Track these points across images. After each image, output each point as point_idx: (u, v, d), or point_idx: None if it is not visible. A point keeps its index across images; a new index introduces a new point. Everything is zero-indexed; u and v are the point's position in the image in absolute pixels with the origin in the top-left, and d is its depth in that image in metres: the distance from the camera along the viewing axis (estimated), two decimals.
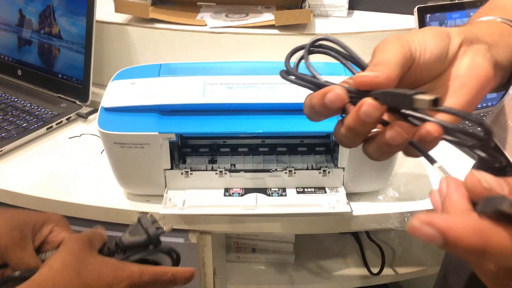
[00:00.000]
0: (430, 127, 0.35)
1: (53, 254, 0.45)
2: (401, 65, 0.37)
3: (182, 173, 0.69)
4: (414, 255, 0.98)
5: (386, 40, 0.40)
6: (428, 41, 0.39)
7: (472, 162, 0.80)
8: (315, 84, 0.40)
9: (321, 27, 0.97)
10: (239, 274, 0.96)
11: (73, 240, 0.45)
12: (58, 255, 0.44)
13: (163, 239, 0.72)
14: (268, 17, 0.97)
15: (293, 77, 0.41)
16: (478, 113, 0.91)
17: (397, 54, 0.38)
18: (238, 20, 0.97)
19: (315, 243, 1.02)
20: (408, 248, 0.99)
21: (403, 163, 0.78)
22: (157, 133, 0.64)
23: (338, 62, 0.42)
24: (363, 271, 0.95)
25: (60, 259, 0.43)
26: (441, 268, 0.67)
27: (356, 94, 0.37)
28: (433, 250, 0.98)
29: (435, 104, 0.33)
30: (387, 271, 0.94)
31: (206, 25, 0.95)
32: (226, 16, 1.00)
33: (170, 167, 0.68)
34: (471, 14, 0.91)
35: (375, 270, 0.94)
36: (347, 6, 1.02)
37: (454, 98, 0.39)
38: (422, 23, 0.88)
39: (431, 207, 0.70)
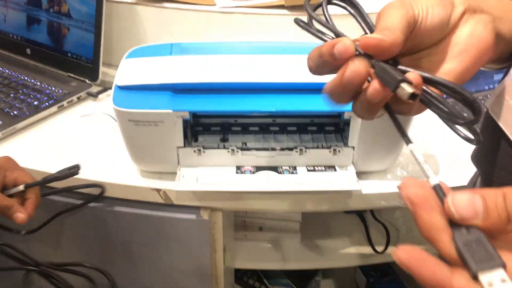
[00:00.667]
0: (411, 75, 0.36)
1: None
2: (406, 31, 0.39)
3: (194, 151, 0.70)
4: (418, 234, 1.00)
5: (391, 4, 0.40)
6: (431, 7, 0.40)
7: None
8: (335, 32, 0.40)
9: (331, 7, 0.97)
10: (246, 252, 0.97)
11: None
12: None
13: (176, 215, 0.74)
14: None
15: (312, 25, 0.43)
16: (485, 95, 0.92)
17: (402, 19, 0.39)
18: (248, 0, 0.97)
19: (321, 222, 1.03)
20: (412, 227, 1.01)
21: None
22: (171, 111, 0.65)
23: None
24: (368, 250, 0.96)
25: None
26: None
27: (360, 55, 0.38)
28: None
29: (413, 98, 0.35)
30: (391, 249, 0.96)
31: (215, 4, 0.95)
32: None
33: (183, 145, 0.69)
34: None
35: (379, 248, 0.96)
36: None
37: (452, 64, 0.40)
38: None
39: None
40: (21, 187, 0.64)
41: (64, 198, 0.75)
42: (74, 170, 0.66)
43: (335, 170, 0.71)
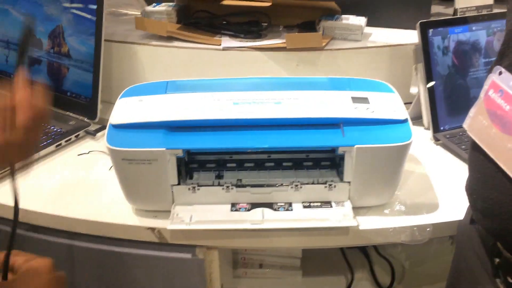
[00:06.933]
0: None
1: None
2: None
3: (189, 189, 0.69)
4: (423, 270, 0.97)
5: None
6: None
7: None
8: None
9: (331, 44, 0.98)
10: None
11: None
12: None
13: (171, 254, 0.73)
14: (280, 39, 0.98)
15: None
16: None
17: None
18: (253, 41, 0.98)
19: (323, 258, 1.01)
20: (417, 262, 0.98)
21: (409, 177, 0.78)
22: (164, 149, 0.65)
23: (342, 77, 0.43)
24: (373, 286, 0.94)
25: None
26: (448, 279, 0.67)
27: None
28: (444, 264, 0.97)
29: None
30: (397, 286, 0.93)
31: (220, 45, 0.97)
32: (244, 36, 1.00)
33: (177, 183, 0.69)
34: (473, 28, 0.92)
35: (384, 285, 0.93)
36: (363, 30, 1.00)
37: None
38: (425, 38, 0.89)
39: (439, 220, 0.70)
40: None
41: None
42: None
43: (331, 206, 0.69)
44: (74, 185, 0.79)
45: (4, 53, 1.06)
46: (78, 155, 0.87)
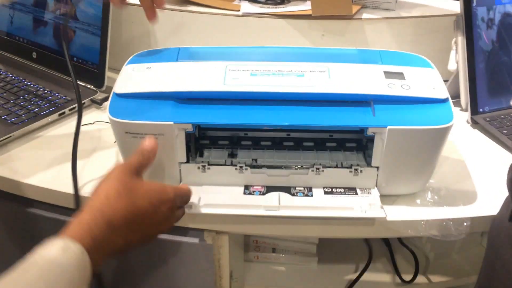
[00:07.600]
0: None
1: (105, 183, 0.51)
2: None
3: (198, 167, 0.63)
4: (449, 262, 0.90)
5: None
6: None
7: None
8: None
9: (361, 13, 0.89)
10: (257, 275, 0.90)
11: (120, 170, 0.52)
12: (111, 185, 0.50)
13: (177, 238, 0.67)
14: (304, 6, 0.89)
15: None
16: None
17: None
18: (275, 8, 0.90)
19: (340, 245, 0.95)
20: (442, 254, 0.91)
21: (443, 163, 0.71)
22: (172, 122, 0.58)
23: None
24: (393, 278, 0.87)
25: (114, 188, 0.50)
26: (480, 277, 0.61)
27: None
28: (472, 257, 0.90)
29: None
30: (420, 278, 0.87)
31: (239, 10, 0.89)
32: (266, 2, 0.92)
33: (185, 161, 0.63)
34: None
35: (406, 277, 0.87)
36: None
37: None
38: (468, 8, 0.79)
39: (477, 214, 0.63)
40: None
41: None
42: None
43: (356, 193, 0.63)
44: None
45: (9, 13, 0.99)
46: (82, 125, 0.81)
